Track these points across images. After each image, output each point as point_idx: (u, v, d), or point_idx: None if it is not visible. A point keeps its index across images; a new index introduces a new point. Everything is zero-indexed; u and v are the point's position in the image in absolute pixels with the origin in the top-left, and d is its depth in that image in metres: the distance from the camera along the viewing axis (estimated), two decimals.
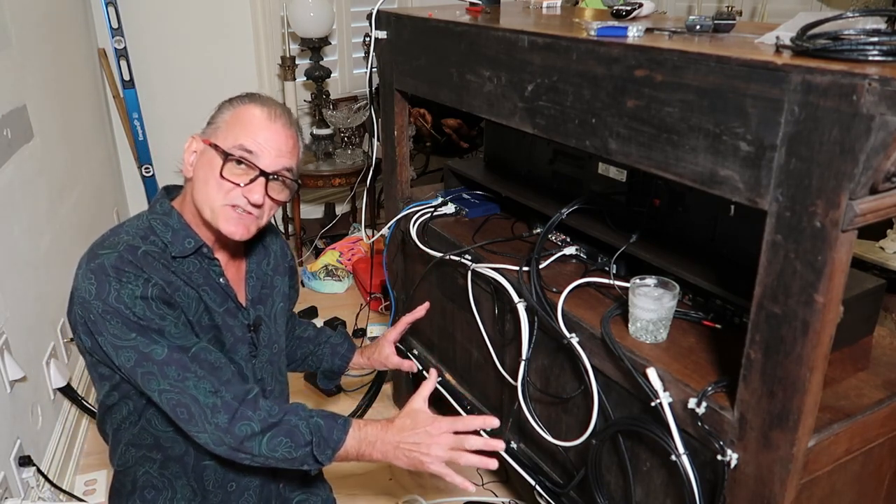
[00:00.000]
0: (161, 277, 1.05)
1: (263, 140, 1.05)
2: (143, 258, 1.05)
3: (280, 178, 1.08)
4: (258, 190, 1.05)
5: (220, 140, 1.07)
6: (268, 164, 1.06)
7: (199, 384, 1.02)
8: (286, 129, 1.09)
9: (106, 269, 1.01)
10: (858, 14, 0.90)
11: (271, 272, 1.26)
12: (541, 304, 1.37)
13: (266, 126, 1.06)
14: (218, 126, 1.09)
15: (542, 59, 1.24)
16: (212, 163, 1.06)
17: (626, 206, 1.46)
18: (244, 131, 1.05)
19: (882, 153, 0.77)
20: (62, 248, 2.18)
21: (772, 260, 0.90)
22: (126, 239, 1.06)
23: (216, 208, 1.06)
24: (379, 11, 1.78)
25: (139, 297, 1.01)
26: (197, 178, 1.09)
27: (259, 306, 1.21)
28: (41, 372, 1.86)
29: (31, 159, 1.96)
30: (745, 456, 1.01)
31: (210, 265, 1.13)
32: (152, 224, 1.11)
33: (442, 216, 1.85)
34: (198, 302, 1.10)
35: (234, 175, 1.05)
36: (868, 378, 1.14)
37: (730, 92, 0.91)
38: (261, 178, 1.05)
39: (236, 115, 1.08)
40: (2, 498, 1.50)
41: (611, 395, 1.27)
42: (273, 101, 1.11)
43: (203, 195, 1.07)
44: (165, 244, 1.09)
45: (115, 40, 2.98)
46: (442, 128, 3.29)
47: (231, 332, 1.15)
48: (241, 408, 1.03)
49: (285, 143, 1.08)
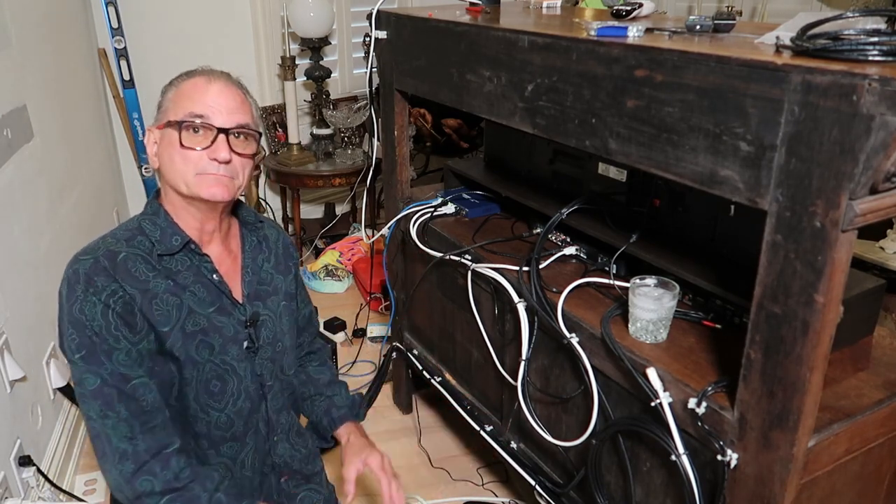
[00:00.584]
0: (136, 287, 1.04)
1: (211, 101, 1.07)
2: (122, 264, 1.04)
3: (240, 132, 1.08)
4: (222, 147, 1.05)
5: (171, 115, 1.08)
6: (222, 120, 1.06)
7: (118, 426, 1.02)
8: (228, 86, 1.10)
9: (79, 277, 1.02)
10: (858, 14, 0.90)
11: (271, 269, 1.24)
12: (541, 304, 1.37)
13: (208, 89, 1.08)
14: (166, 108, 1.10)
15: (542, 59, 1.24)
16: (171, 140, 1.06)
17: (626, 206, 1.46)
18: (189, 100, 1.07)
19: (882, 153, 0.77)
20: (62, 248, 2.18)
21: (772, 260, 0.90)
22: (109, 243, 1.07)
23: (189, 179, 1.06)
24: (379, 11, 1.78)
25: (100, 312, 1.01)
26: (163, 163, 1.09)
27: (257, 302, 1.19)
28: (41, 372, 1.86)
29: (31, 159, 1.96)
30: (745, 456, 1.01)
31: (201, 262, 1.12)
32: (141, 224, 1.11)
33: (442, 216, 1.85)
34: (178, 308, 1.08)
35: (194, 142, 1.05)
36: (868, 378, 1.14)
37: (730, 92, 0.91)
38: (220, 135, 1.06)
39: (178, 91, 1.09)
40: (2, 498, 1.50)
41: (611, 395, 1.27)
42: (209, 68, 1.13)
43: (173, 174, 1.07)
44: (153, 243, 1.09)
45: (115, 40, 2.98)
46: (442, 128, 3.29)
47: (220, 332, 1.12)
48: (150, 462, 1.02)
49: (233, 98, 1.09)
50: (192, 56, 3.19)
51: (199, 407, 1.12)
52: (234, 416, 1.16)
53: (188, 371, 1.10)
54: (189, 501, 1.04)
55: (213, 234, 1.16)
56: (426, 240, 1.79)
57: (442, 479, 1.94)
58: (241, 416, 1.17)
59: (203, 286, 1.12)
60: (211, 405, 1.13)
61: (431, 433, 2.12)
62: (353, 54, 3.45)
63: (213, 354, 1.12)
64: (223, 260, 1.18)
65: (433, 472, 1.96)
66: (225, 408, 1.14)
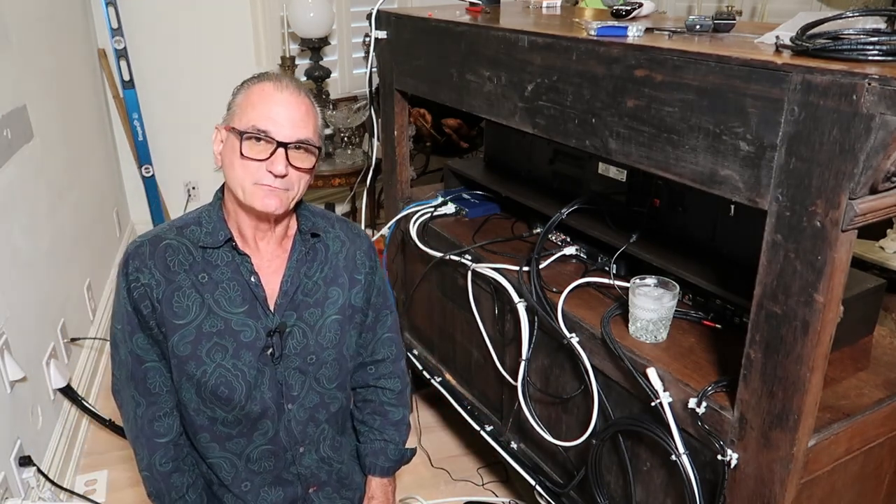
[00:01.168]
0: (163, 276, 1.10)
1: (275, 113, 1.08)
2: (161, 252, 1.12)
3: (300, 146, 1.10)
4: (280, 161, 1.08)
5: (237, 122, 1.10)
6: (284, 135, 1.08)
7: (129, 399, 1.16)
8: (295, 96, 1.11)
9: (124, 256, 1.12)
10: (858, 14, 0.90)
11: (322, 282, 1.20)
12: (541, 304, 1.37)
13: (275, 99, 1.09)
14: (234, 111, 1.12)
15: (542, 59, 1.24)
16: (233, 146, 1.09)
17: (626, 206, 1.46)
18: (255, 109, 1.08)
19: (882, 153, 0.77)
20: (62, 248, 2.18)
21: (772, 260, 0.90)
22: (163, 229, 1.15)
23: (246, 187, 1.09)
24: (379, 11, 1.78)
25: (125, 294, 1.11)
26: (225, 165, 1.12)
27: (290, 313, 1.16)
28: (41, 372, 1.86)
29: (31, 159, 1.96)
30: (745, 456, 1.01)
31: (242, 261, 1.14)
32: (201, 214, 1.17)
33: (442, 216, 1.85)
34: (199, 306, 1.11)
35: (254, 152, 1.08)
36: (868, 378, 1.14)
37: (730, 92, 0.91)
38: (280, 149, 1.08)
39: (247, 96, 1.11)
40: (2, 498, 1.50)
41: (611, 395, 1.27)
42: (280, 74, 1.15)
43: (233, 178, 1.11)
44: (203, 234, 1.14)
45: (115, 40, 2.98)
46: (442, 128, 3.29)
47: (236, 337, 1.12)
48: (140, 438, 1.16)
49: (297, 110, 1.10)
50: (192, 56, 3.22)
51: (202, 402, 1.13)
52: (241, 418, 1.15)
53: (191, 367, 1.11)
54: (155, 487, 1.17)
55: (267, 233, 1.17)
56: (426, 240, 1.79)
57: (442, 479, 1.94)
58: (250, 419, 1.16)
59: (238, 285, 1.14)
60: (216, 404, 1.13)
61: (431, 433, 2.12)
62: (353, 54, 3.45)
63: (225, 358, 1.12)
64: (272, 260, 1.17)
65: (433, 472, 1.96)
66: (232, 410, 1.14)
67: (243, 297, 1.14)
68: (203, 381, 1.11)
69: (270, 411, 1.17)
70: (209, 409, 1.14)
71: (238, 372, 1.13)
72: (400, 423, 1.35)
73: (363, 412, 1.34)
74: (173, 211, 3.35)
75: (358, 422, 1.35)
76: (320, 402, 1.22)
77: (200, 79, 3.19)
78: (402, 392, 1.36)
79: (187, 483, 1.18)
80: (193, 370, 1.11)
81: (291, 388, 1.18)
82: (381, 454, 1.32)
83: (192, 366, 1.11)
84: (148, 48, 3.07)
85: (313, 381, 1.20)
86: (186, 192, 3.39)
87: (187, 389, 1.13)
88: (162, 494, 1.17)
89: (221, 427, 1.15)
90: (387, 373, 1.33)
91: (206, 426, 1.15)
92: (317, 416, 1.22)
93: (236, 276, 1.13)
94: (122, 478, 1.93)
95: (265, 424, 1.17)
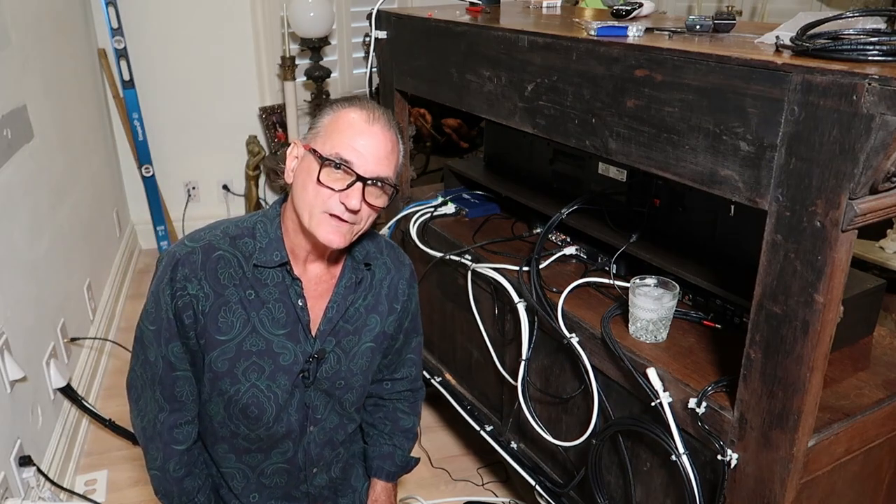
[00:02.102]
0: (212, 289, 1.06)
1: (361, 146, 1.04)
2: (212, 263, 1.06)
3: (378, 183, 1.05)
4: (355, 195, 1.03)
5: (319, 145, 1.05)
6: (365, 169, 1.03)
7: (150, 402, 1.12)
8: (384, 132, 1.06)
9: (172, 259, 1.06)
10: (858, 14, 0.90)
11: (364, 309, 1.18)
12: (541, 304, 1.37)
13: (364, 130, 1.04)
14: (318, 131, 1.07)
15: (542, 59, 1.24)
16: (310, 168, 1.04)
17: (626, 206, 1.46)
18: (342, 136, 1.04)
19: (882, 153, 0.77)
20: (62, 248, 2.18)
21: (772, 260, 0.90)
22: (216, 237, 1.09)
23: (314, 214, 1.04)
24: (379, 11, 1.78)
25: (168, 300, 1.05)
26: (296, 184, 1.07)
27: (330, 338, 1.14)
28: (41, 372, 1.86)
29: (31, 159, 1.96)
30: (745, 456, 1.01)
31: (293, 284, 1.10)
32: (256, 225, 1.11)
33: (442, 216, 1.85)
34: (244, 324, 1.08)
35: (331, 180, 1.03)
36: (868, 378, 1.14)
37: (730, 92, 0.91)
38: (358, 183, 1.03)
39: (335, 120, 1.06)
40: (2, 498, 1.50)
41: (611, 395, 1.27)
42: (373, 104, 1.10)
43: (302, 200, 1.06)
44: (256, 249, 1.09)
45: (115, 40, 2.98)
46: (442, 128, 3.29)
47: (275, 359, 1.10)
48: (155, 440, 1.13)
49: (383, 146, 1.06)
50: (193, 56, 3.22)
51: (229, 417, 1.12)
52: (264, 437, 1.14)
53: (225, 384, 1.09)
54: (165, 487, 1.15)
55: (320, 259, 1.14)
56: (426, 240, 1.79)
57: (442, 479, 1.94)
58: (273, 439, 1.15)
59: (284, 307, 1.10)
60: (242, 422, 1.12)
61: (431, 433, 2.11)
62: (353, 54, 3.45)
63: (260, 379, 1.10)
64: (318, 284, 1.14)
65: (433, 472, 1.96)
66: (257, 429, 1.13)
67: (287, 319, 1.10)
68: (235, 398, 1.09)
69: (294, 433, 1.16)
70: (233, 424, 1.12)
71: (271, 394, 1.11)
72: (410, 431, 1.35)
73: (374, 416, 1.33)
74: (173, 211, 3.35)
75: (368, 424, 1.33)
76: (339, 424, 1.21)
77: (200, 79, 3.19)
78: (416, 402, 1.36)
79: (197, 486, 1.17)
80: (227, 387, 1.09)
81: (316, 410, 1.17)
82: (388, 459, 1.31)
83: (226, 382, 1.08)
84: (148, 48, 3.07)
85: (337, 404, 1.19)
86: (186, 192, 3.39)
87: (216, 403, 1.11)
88: (171, 496, 1.16)
89: (242, 441, 1.15)
90: (403, 389, 1.33)
91: (227, 438, 1.15)
92: (335, 438, 1.22)
93: (283, 298, 1.10)
94: (122, 478, 1.93)
95: (286, 444, 1.16)
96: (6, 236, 1.72)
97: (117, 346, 2.39)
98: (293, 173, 1.09)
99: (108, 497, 1.87)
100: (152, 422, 1.12)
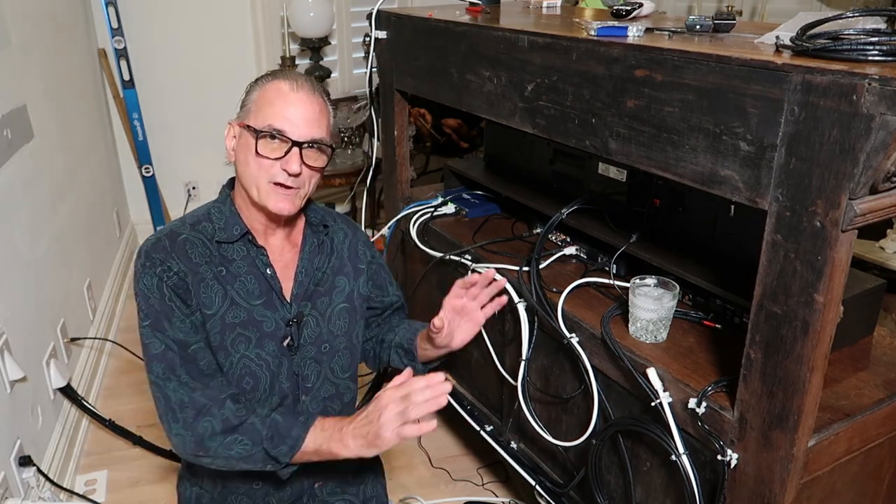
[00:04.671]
0: (188, 267, 1.10)
1: (291, 114, 1.09)
2: (181, 245, 1.11)
3: (313, 145, 1.12)
4: (294, 160, 1.09)
5: (252, 120, 1.11)
6: (299, 134, 1.09)
7: (179, 388, 1.07)
8: (310, 96, 1.12)
9: (142, 253, 1.10)
10: (858, 14, 0.90)
11: (331, 271, 1.24)
12: (541, 304, 1.37)
13: (290, 99, 1.10)
14: (249, 108, 1.14)
15: (541, 59, 1.24)
16: (248, 143, 1.11)
17: (626, 206, 1.46)
18: (272, 108, 1.10)
19: (882, 153, 0.77)
20: (62, 248, 2.18)
21: (772, 260, 0.90)
22: (176, 225, 1.14)
23: (261, 186, 1.11)
24: (379, 11, 1.78)
25: (155, 284, 1.08)
26: (239, 161, 1.14)
27: (305, 302, 1.20)
28: (41, 372, 1.86)
29: (31, 159, 1.96)
30: (745, 456, 1.01)
31: (257, 254, 1.16)
32: (210, 210, 1.17)
33: (442, 216, 1.85)
34: (222, 297, 1.12)
35: (269, 150, 1.09)
36: (868, 378, 1.14)
37: (730, 92, 0.91)
38: (294, 148, 1.09)
39: (262, 94, 1.12)
40: (2, 498, 1.50)
41: (611, 395, 1.27)
42: (295, 73, 1.16)
43: (246, 175, 1.12)
44: (216, 230, 1.14)
45: (115, 40, 2.98)
46: (442, 128, 3.29)
47: (259, 327, 1.15)
48: (208, 405, 1.07)
49: (311, 110, 1.11)
50: (193, 56, 3.22)
51: None
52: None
53: (220, 358, 1.12)
54: (247, 430, 1.07)
55: (277, 230, 1.20)
56: (426, 240, 1.79)
57: (442, 479, 1.94)
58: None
59: (255, 278, 1.15)
60: (241, 396, 1.14)
61: (431, 433, 2.11)
62: (353, 54, 3.45)
63: (249, 349, 1.14)
64: (282, 254, 1.20)
65: (433, 472, 1.96)
66: (254, 401, 1.15)
67: (260, 289, 1.16)
68: (231, 372, 1.13)
69: (287, 403, 1.18)
70: None
71: (262, 362, 1.15)
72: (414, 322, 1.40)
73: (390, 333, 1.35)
74: (173, 211, 3.35)
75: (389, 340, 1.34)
76: (335, 393, 1.25)
77: (200, 79, 3.19)
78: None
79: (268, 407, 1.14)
80: (223, 360, 1.13)
81: (307, 378, 1.20)
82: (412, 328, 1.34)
83: (221, 356, 1.12)
84: (148, 48, 3.07)
85: (328, 371, 1.23)
86: (186, 192, 3.39)
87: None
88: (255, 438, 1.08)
89: None
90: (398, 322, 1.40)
91: None
92: (330, 407, 1.24)
93: (252, 270, 1.15)
94: (122, 478, 1.93)
95: None
96: (6, 236, 1.72)
97: (117, 346, 2.39)
98: (234, 152, 1.15)
99: (108, 497, 1.87)
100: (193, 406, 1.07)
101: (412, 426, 1.04)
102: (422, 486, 1.91)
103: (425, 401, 1.04)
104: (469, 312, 1.24)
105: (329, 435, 1.06)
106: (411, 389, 1.04)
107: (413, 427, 1.04)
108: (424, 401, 1.04)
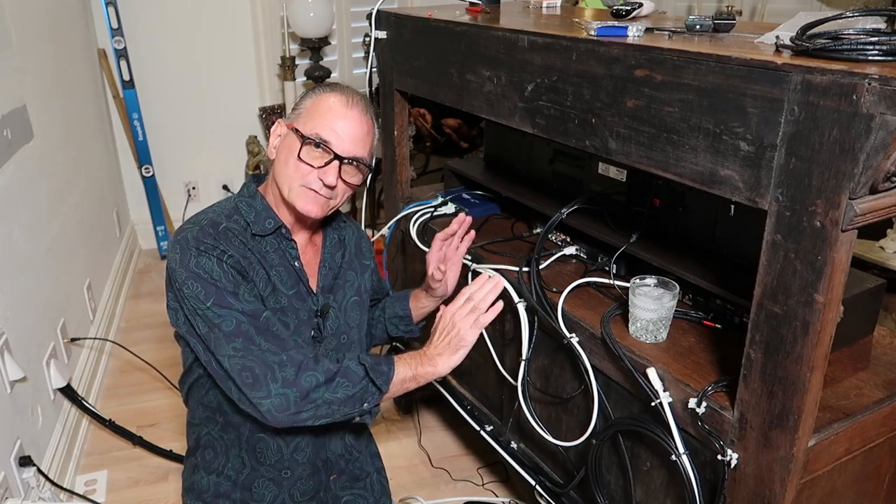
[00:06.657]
0: (236, 252, 1.13)
1: (339, 128, 1.14)
2: (223, 233, 1.14)
3: (354, 162, 1.16)
4: (332, 172, 1.14)
5: (301, 124, 1.15)
6: (342, 149, 1.14)
7: (264, 354, 1.08)
8: (361, 116, 1.17)
9: (188, 240, 1.11)
10: (858, 14, 0.90)
11: (345, 265, 1.31)
12: (541, 304, 1.37)
13: (342, 114, 1.15)
14: (300, 112, 1.17)
15: (542, 59, 1.24)
16: (292, 146, 1.15)
17: (626, 206, 1.46)
18: (322, 118, 1.14)
19: (882, 153, 0.77)
20: (62, 248, 2.18)
21: (772, 260, 0.90)
22: (210, 216, 1.17)
23: (294, 187, 1.15)
24: (379, 11, 1.78)
25: (215, 263, 1.10)
26: (278, 160, 1.18)
27: (329, 295, 1.26)
28: (41, 372, 1.86)
29: (31, 159, 1.96)
30: (745, 456, 1.01)
31: (287, 246, 1.20)
32: (238, 204, 1.20)
33: (442, 216, 1.85)
34: (266, 282, 1.16)
35: (310, 158, 1.13)
36: (868, 378, 1.14)
37: (730, 92, 0.91)
38: (335, 161, 1.14)
39: (316, 103, 1.16)
40: (2, 498, 1.50)
41: (611, 395, 1.27)
42: (352, 90, 1.20)
43: (283, 175, 1.16)
44: (248, 223, 1.18)
45: (115, 40, 2.98)
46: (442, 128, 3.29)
47: (296, 314, 1.19)
48: (305, 361, 1.09)
49: (360, 129, 1.16)
50: (192, 56, 3.22)
51: None
52: None
53: None
54: (345, 373, 1.11)
55: (301, 230, 1.25)
56: (426, 240, 1.79)
57: (442, 479, 1.94)
58: None
59: (286, 270, 1.20)
60: None
61: (431, 433, 2.12)
62: (353, 54, 3.45)
63: (289, 333, 1.17)
64: (306, 250, 1.26)
65: (433, 472, 1.96)
66: None
67: (290, 281, 1.20)
68: None
69: None
70: None
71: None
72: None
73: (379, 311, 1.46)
74: (173, 211, 3.35)
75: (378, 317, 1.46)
76: None
77: (200, 79, 3.19)
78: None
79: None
80: None
81: None
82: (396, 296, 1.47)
83: None
84: (148, 48, 3.07)
85: None
86: (186, 192, 3.39)
87: None
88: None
89: None
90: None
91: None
92: None
93: (284, 262, 1.20)
94: (122, 478, 1.93)
95: None
96: (6, 236, 1.72)
97: (117, 346, 2.39)
98: (275, 150, 1.19)
99: (108, 497, 1.87)
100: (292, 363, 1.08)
101: (486, 314, 1.17)
102: (422, 486, 1.91)
103: (486, 292, 1.18)
104: (450, 258, 1.39)
105: (417, 361, 1.16)
106: (469, 294, 1.18)
107: (486, 315, 1.17)
108: (485, 293, 1.18)
